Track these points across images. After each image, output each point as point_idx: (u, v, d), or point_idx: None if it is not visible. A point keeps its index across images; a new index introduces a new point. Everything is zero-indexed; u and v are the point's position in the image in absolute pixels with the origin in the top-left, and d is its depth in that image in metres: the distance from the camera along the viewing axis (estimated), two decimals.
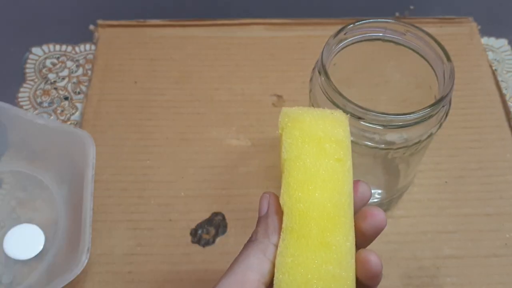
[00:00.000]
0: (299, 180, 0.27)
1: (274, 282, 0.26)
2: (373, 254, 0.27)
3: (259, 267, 0.27)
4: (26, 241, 0.46)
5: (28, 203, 0.49)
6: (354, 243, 0.27)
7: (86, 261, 0.41)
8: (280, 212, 0.28)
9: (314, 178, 0.27)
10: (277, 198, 0.29)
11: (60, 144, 0.48)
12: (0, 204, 0.49)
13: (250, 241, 0.29)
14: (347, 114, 0.31)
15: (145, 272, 0.45)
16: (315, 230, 0.27)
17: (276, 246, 0.27)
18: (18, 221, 0.48)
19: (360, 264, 0.27)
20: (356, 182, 0.29)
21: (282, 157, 0.28)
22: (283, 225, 0.27)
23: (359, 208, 0.29)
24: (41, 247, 0.46)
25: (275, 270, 0.27)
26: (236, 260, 0.28)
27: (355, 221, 0.28)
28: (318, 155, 0.28)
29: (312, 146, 0.28)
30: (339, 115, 0.30)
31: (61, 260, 0.45)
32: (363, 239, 0.29)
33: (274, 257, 0.27)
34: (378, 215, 0.28)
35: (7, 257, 0.46)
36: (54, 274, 0.43)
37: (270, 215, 0.29)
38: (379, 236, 0.48)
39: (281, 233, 0.27)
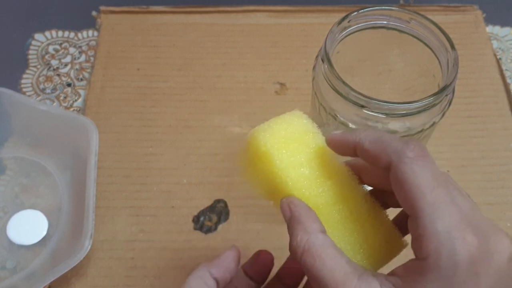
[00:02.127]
0: (313, 176, 0.29)
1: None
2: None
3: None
4: (29, 226, 0.47)
5: (32, 189, 0.49)
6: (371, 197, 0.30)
7: (89, 246, 0.41)
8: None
9: (320, 169, 0.29)
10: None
11: (63, 130, 0.48)
12: (4, 190, 0.49)
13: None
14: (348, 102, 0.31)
15: (147, 258, 0.45)
16: (343, 210, 0.29)
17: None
18: (21, 206, 0.48)
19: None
20: None
21: (271, 168, 0.29)
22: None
23: None
24: (44, 233, 0.46)
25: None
26: None
27: None
28: (307, 149, 0.29)
29: (297, 145, 0.29)
30: (295, 112, 0.32)
31: (64, 245, 0.45)
32: None
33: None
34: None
35: (11, 243, 0.46)
36: (57, 259, 0.44)
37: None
38: None
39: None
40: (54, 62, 0.58)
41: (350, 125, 0.37)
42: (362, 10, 0.38)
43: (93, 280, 0.44)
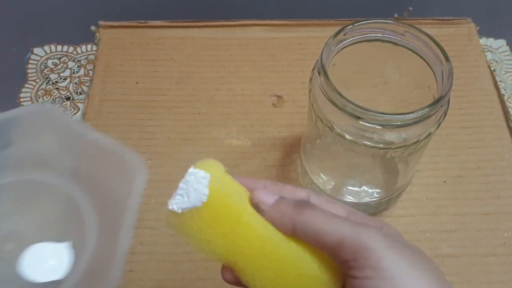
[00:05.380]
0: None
1: None
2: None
3: None
4: (48, 261, 0.44)
5: (57, 221, 0.47)
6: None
7: None
8: None
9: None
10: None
11: (105, 164, 0.46)
12: (24, 219, 0.46)
13: None
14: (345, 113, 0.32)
15: (146, 270, 0.45)
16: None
17: None
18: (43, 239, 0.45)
19: None
20: None
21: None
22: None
23: None
24: (64, 270, 0.44)
25: None
26: None
27: None
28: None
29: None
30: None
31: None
32: None
33: None
34: None
35: (21, 277, 0.43)
36: None
37: None
38: None
39: None
40: (53, 76, 0.59)
41: (347, 136, 0.37)
42: (357, 24, 0.39)
43: None
